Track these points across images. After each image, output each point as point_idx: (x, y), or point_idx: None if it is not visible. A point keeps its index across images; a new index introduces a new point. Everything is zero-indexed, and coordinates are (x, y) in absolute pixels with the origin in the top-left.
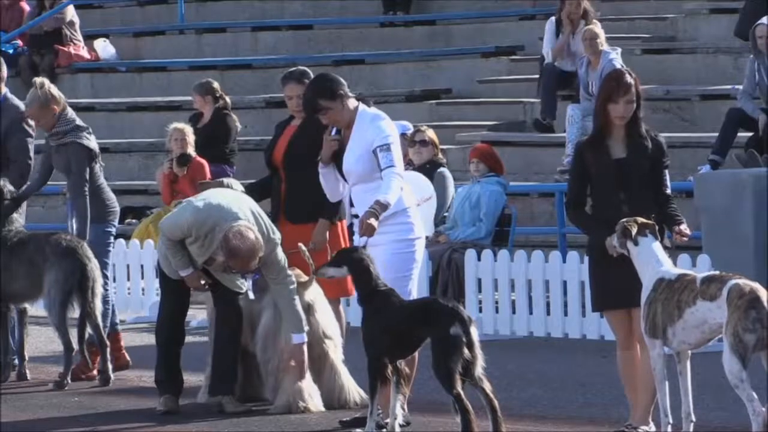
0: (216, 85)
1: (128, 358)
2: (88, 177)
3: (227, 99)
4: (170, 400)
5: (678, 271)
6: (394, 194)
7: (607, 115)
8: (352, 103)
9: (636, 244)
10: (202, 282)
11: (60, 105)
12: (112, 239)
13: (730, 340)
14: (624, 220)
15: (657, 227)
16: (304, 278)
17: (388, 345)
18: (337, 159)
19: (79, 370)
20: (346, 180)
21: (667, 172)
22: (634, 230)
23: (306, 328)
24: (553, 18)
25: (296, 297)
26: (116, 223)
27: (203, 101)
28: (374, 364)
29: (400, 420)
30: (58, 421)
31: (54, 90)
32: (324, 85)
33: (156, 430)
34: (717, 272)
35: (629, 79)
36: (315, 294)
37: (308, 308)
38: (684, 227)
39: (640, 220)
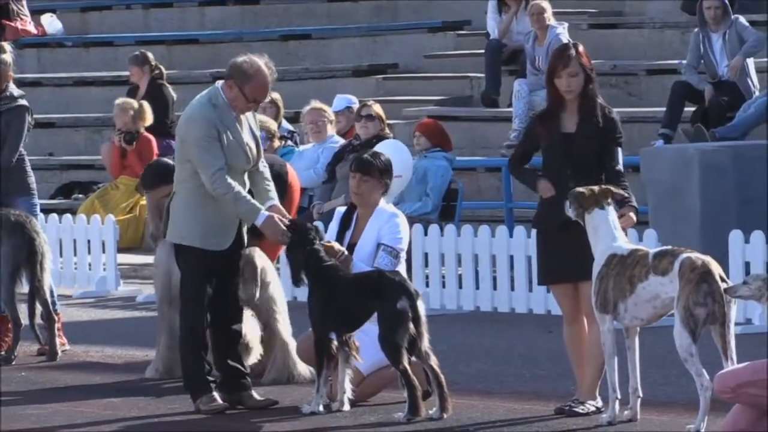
0: (150, 55)
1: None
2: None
3: (162, 68)
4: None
5: (631, 246)
6: None
7: (556, 90)
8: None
9: (590, 214)
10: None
11: (11, 73)
12: (39, 213)
13: (681, 313)
14: (578, 189)
15: (614, 194)
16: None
17: (335, 320)
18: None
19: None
20: None
21: (620, 149)
22: (589, 200)
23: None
24: None
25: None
26: None
27: (141, 71)
28: (320, 341)
29: (348, 394)
30: (4, 395)
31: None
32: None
33: (104, 402)
34: (669, 247)
35: (571, 52)
36: (264, 261)
37: (262, 272)
38: (631, 214)
39: (597, 188)
